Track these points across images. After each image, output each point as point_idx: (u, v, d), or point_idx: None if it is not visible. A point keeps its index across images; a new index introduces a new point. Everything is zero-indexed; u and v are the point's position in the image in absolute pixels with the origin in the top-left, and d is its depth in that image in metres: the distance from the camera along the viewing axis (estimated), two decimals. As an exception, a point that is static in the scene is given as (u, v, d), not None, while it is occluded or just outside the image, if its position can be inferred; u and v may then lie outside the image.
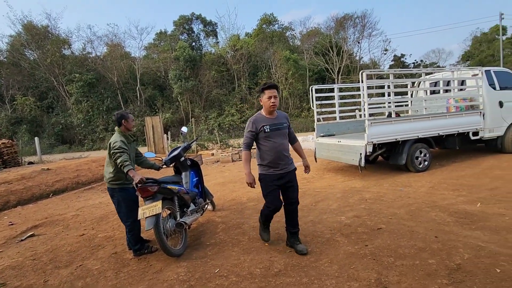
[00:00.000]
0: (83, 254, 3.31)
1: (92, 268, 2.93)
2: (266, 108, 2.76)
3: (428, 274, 2.24)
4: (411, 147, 5.52)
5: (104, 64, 28.25)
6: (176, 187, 3.21)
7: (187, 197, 3.38)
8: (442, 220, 3.26)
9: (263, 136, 2.73)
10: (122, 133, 3.13)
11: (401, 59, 35.73)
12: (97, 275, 2.78)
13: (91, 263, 3.07)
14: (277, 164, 2.76)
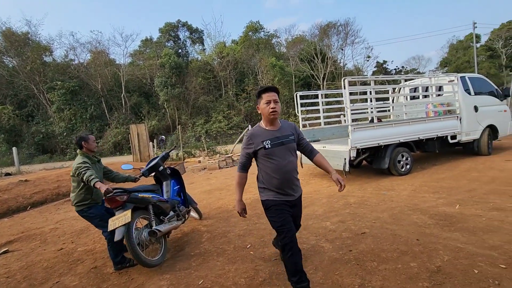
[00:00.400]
0: (61, 270, 3.17)
1: (69, 285, 2.81)
2: (265, 117, 2.18)
3: (409, 278, 2.27)
4: (393, 151, 5.65)
5: (87, 72, 27.66)
6: (150, 195, 3.15)
7: (165, 206, 3.31)
8: (423, 222, 3.33)
9: (263, 154, 2.13)
10: (85, 154, 3.16)
11: (383, 65, 36.86)
12: (75, 292, 2.66)
13: (68, 279, 2.94)
14: (285, 190, 2.16)
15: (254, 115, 27.02)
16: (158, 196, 3.30)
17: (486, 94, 6.96)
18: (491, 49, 34.51)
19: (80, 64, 28.64)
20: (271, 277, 2.50)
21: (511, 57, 31.58)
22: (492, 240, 2.74)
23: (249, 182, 7.02)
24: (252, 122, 23.29)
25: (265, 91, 2.16)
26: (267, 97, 2.12)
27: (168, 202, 3.41)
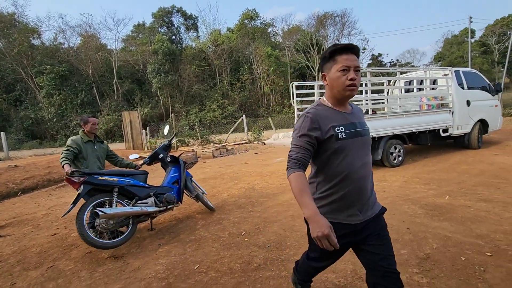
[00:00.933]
0: (55, 255, 3.17)
1: (64, 269, 2.81)
2: (336, 92, 1.38)
3: (400, 264, 2.34)
4: (386, 143, 5.73)
5: (77, 56, 26.95)
6: (116, 179, 3.17)
7: (138, 191, 3.33)
8: (414, 212, 3.42)
9: (333, 148, 1.36)
10: (84, 134, 3.56)
11: (378, 58, 36.92)
12: (70, 276, 2.66)
13: (63, 263, 2.94)
14: (353, 204, 1.41)
15: (248, 105, 26.91)
16: (129, 180, 3.29)
17: (478, 89, 7.07)
18: (485, 44, 34.87)
19: (70, 48, 27.85)
20: (266, 263, 2.55)
21: (503, 53, 31.93)
22: (479, 229, 2.84)
23: (243, 171, 7.04)
24: (246, 112, 23.20)
25: (342, 51, 1.34)
26: (346, 61, 1.32)
27: (150, 188, 3.46)
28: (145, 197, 3.38)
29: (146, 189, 3.42)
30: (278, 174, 6.17)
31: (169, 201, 3.49)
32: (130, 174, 3.43)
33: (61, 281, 2.59)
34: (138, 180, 3.43)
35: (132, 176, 3.41)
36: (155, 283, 2.40)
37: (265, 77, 26.59)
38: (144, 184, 3.45)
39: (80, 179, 2.97)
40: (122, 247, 3.17)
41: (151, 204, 3.36)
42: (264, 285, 2.22)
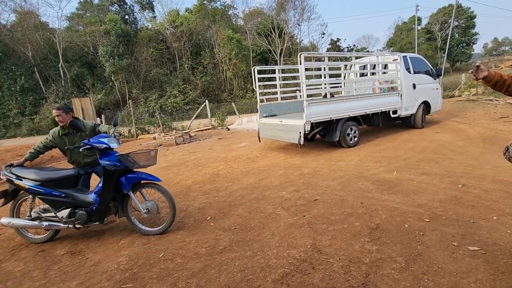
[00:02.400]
0: (1, 257, 2.90)
1: (13, 270, 2.60)
2: None
3: (353, 235, 2.57)
4: (343, 125, 6.07)
5: (13, 36, 23.67)
6: (27, 186, 2.84)
7: (48, 200, 2.90)
8: (366, 188, 3.73)
9: None
10: (61, 127, 3.17)
11: (337, 43, 38.14)
12: (21, 277, 2.48)
13: (12, 264, 2.72)
14: None
15: (211, 90, 26.32)
16: (40, 189, 2.85)
17: (423, 73, 7.72)
18: (430, 32, 37.82)
19: (3, 26, 24.31)
20: (231, 245, 2.62)
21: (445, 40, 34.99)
22: (420, 199, 3.20)
23: (208, 157, 6.97)
24: (209, 97, 22.69)
25: None
26: None
27: (66, 197, 2.90)
28: (57, 208, 2.93)
29: (59, 199, 2.89)
30: (242, 159, 6.23)
31: (78, 220, 2.89)
32: (46, 179, 2.87)
33: (10, 283, 2.40)
34: (51, 187, 2.88)
35: (47, 182, 2.87)
36: (118, 275, 2.34)
37: (227, 61, 26.05)
38: (58, 194, 2.89)
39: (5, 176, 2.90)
40: (80, 242, 3.02)
41: (58, 219, 2.93)
42: (229, 266, 2.29)
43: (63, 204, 2.92)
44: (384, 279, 1.95)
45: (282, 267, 2.21)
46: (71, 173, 3.01)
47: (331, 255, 2.29)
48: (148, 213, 3.00)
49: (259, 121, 6.98)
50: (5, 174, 2.91)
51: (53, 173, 2.94)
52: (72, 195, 2.91)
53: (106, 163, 2.80)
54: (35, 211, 3.02)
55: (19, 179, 2.87)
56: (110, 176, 2.84)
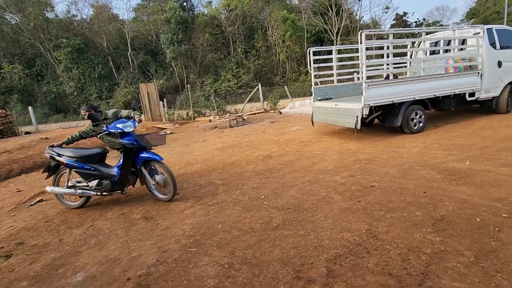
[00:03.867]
0: (92, 216, 3.51)
1: (102, 228, 3.14)
2: None
3: (414, 224, 2.44)
4: (407, 109, 5.57)
5: (91, 28, 26.88)
6: (65, 160, 3.61)
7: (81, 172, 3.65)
8: (431, 177, 3.44)
9: None
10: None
11: (403, 18, 34.21)
12: (108, 234, 2.98)
13: (101, 223, 3.27)
14: None
15: (263, 74, 26.36)
16: (74, 164, 3.60)
17: (512, 48, 6.54)
18: (526, -3, 31.20)
19: (83, 20, 27.74)
20: (285, 223, 2.72)
21: (547, 6, 28.59)
22: (498, 193, 2.84)
23: (260, 140, 7.15)
24: (261, 81, 22.78)
25: None
26: None
27: (95, 170, 3.60)
28: (87, 178, 3.65)
29: (89, 172, 3.61)
30: (295, 142, 6.23)
31: (105, 189, 3.59)
32: (78, 156, 3.62)
33: (101, 237, 2.91)
34: (84, 162, 3.60)
35: (79, 158, 3.60)
36: (184, 239, 2.64)
37: (281, 44, 25.57)
38: (88, 167, 3.60)
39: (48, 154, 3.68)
40: (152, 209, 3.46)
41: (89, 188, 3.64)
42: (283, 242, 2.40)
43: (92, 176, 3.63)
44: (448, 271, 1.84)
45: (335, 248, 2.23)
46: (98, 151, 3.74)
47: (388, 242, 2.22)
48: (157, 185, 3.64)
49: (313, 105, 6.82)
50: (49, 152, 3.68)
51: (84, 151, 3.72)
52: (99, 169, 3.63)
53: (126, 142, 3.44)
54: (71, 182, 3.76)
55: (59, 156, 3.63)
56: (128, 153, 3.49)
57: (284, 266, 2.09)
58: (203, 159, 5.78)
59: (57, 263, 2.52)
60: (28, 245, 2.95)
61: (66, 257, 2.62)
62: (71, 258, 2.59)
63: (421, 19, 37.83)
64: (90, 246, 2.75)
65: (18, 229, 3.37)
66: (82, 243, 2.85)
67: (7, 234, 3.28)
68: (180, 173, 4.97)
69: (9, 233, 3.30)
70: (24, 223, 3.54)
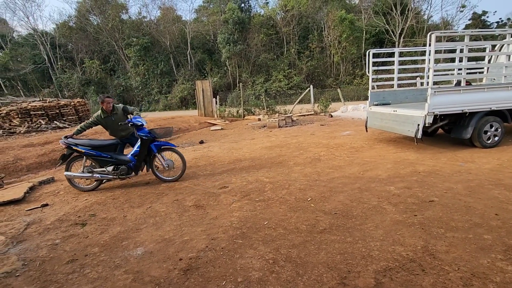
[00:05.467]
0: (151, 199, 3.88)
1: (159, 210, 3.45)
2: None
3: (481, 248, 2.19)
4: (480, 120, 4.96)
5: (157, 28, 29.38)
6: (83, 150, 4.21)
7: (99, 160, 4.30)
8: (506, 198, 3.02)
9: None
10: (102, 110, 4.47)
11: (481, 17, 30.28)
12: (164, 216, 3.27)
13: (158, 206, 3.60)
14: None
15: (316, 75, 25.85)
16: (92, 152, 4.25)
17: None
18: None
19: (151, 21, 30.45)
20: (331, 228, 2.67)
21: None
22: None
23: (309, 142, 7.07)
24: (313, 82, 22.36)
25: None
26: None
27: (112, 158, 4.32)
28: (104, 165, 4.33)
29: (106, 159, 4.31)
30: (346, 147, 6.01)
31: (122, 174, 4.34)
32: (97, 146, 4.31)
33: (158, 219, 3.20)
34: (102, 151, 4.31)
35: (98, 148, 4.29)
36: (231, 230, 2.77)
37: (336, 45, 24.74)
38: (105, 155, 4.30)
39: (64, 145, 4.22)
40: (202, 199, 3.68)
41: (106, 172, 4.32)
42: (329, 247, 2.36)
43: (108, 162, 4.34)
44: (522, 306, 1.62)
45: (386, 260, 2.12)
46: (113, 142, 4.48)
47: (447, 263, 2.04)
48: (168, 167, 4.54)
49: (369, 109, 6.49)
50: (65, 142, 4.21)
51: (102, 142, 4.45)
52: (115, 156, 4.36)
53: (142, 134, 4.32)
54: (86, 168, 4.34)
55: (77, 146, 4.22)
56: (145, 143, 4.34)
57: (329, 270, 2.06)
58: (251, 157, 5.93)
59: (122, 236, 2.86)
60: (99, 217, 3.39)
61: (128, 231, 2.95)
62: (133, 233, 2.90)
63: (504, 18, 33.01)
64: (148, 225, 3.06)
65: (91, 203, 3.89)
66: (142, 221, 3.17)
67: (83, 205, 3.82)
68: (230, 168, 5.18)
69: (85, 205, 3.83)
70: (96, 198, 4.07)
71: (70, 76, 28.98)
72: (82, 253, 2.60)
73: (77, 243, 2.80)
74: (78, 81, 28.71)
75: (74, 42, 30.12)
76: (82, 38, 29.51)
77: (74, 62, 30.16)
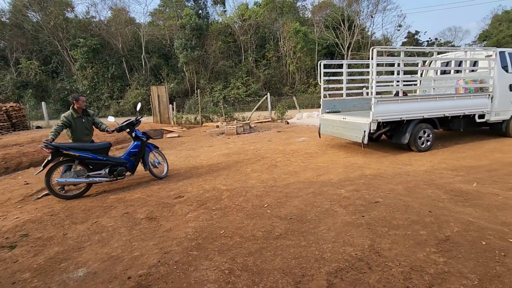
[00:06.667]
0: (97, 213, 3.55)
1: (106, 225, 3.17)
2: None
3: (418, 243, 2.41)
4: (415, 127, 5.56)
5: (108, 30, 27.58)
6: (77, 154, 4.05)
7: (94, 163, 4.21)
8: (437, 197, 3.40)
9: None
10: (74, 110, 4.40)
11: (415, 36, 34.39)
12: (112, 231, 3.01)
13: (105, 220, 3.31)
14: None
15: (272, 83, 26.55)
16: (87, 155, 4.13)
17: (525, 73, 6.49)
18: (540, 22, 31.12)
19: (101, 22, 28.50)
20: (287, 233, 2.72)
21: (562, 32, 28.46)
22: (505, 217, 2.80)
23: (266, 149, 7.13)
24: (270, 90, 22.94)
25: None
26: None
27: (107, 160, 4.31)
28: (100, 168, 4.25)
29: (102, 162, 4.26)
30: (301, 153, 6.24)
31: (119, 174, 4.38)
32: (92, 149, 4.22)
33: (105, 234, 2.94)
34: (97, 154, 4.24)
35: (93, 151, 4.20)
36: (185, 242, 2.66)
37: (291, 55, 25.83)
38: (101, 158, 4.24)
39: (47, 151, 3.88)
40: (155, 210, 3.49)
41: (103, 175, 4.26)
42: (284, 252, 2.40)
43: (105, 165, 4.28)
44: (451, 293, 1.81)
45: (337, 261, 2.22)
46: (107, 145, 4.43)
47: (390, 259, 2.20)
48: (154, 166, 4.88)
49: (321, 117, 6.85)
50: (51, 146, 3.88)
51: (97, 145, 4.35)
52: (111, 158, 4.36)
53: (140, 135, 4.65)
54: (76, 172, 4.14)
55: (69, 150, 3.98)
56: (143, 143, 4.62)
57: (284, 276, 2.09)
58: (208, 164, 5.82)
59: (60, 257, 2.56)
60: (32, 237, 2.99)
61: (69, 251, 2.65)
62: (74, 253, 2.62)
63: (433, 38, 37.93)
64: (93, 243, 2.79)
65: (24, 221, 3.43)
66: (85, 239, 2.88)
67: (13, 225, 3.34)
68: (186, 176, 5.01)
69: (15, 224, 3.36)
70: (30, 216, 3.60)
71: (2, 77, 25.61)
72: (9, 280, 2.26)
73: (3, 269, 2.43)
74: (12, 83, 25.43)
75: (7, 40, 26.75)
76: (18, 35, 26.35)
77: (7, 61, 26.72)
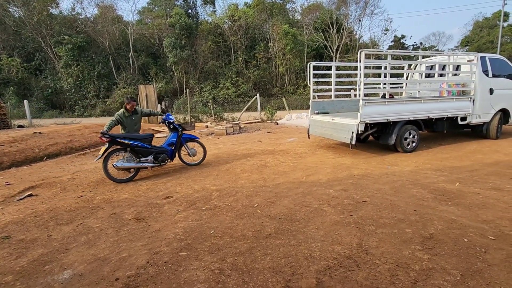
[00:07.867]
0: (83, 214, 3.47)
1: (93, 226, 3.10)
2: None
3: (403, 241, 2.48)
4: (401, 128, 5.70)
5: (94, 27, 26.96)
6: (129, 142, 4.74)
7: (142, 150, 4.89)
8: (422, 196, 3.51)
9: None
10: (126, 109, 5.21)
11: (401, 40, 35.29)
12: (99, 232, 2.95)
13: (91, 221, 3.23)
14: None
15: (262, 84, 26.63)
16: (137, 143, 4.82)
17: (504, 77, 6.79)
18: (518, 29, 32.55)
19: (87, 19, 27.83)
20: (277, 232, 2.74)
21: (538, 39, 29.86)
22: (486, 215, 2.91)
23: (256, 149, 7.13)
24: (260, 91, 23.01)
25: None
26: None
27: (152, 148, 5.00)
28: (147, 155, 4.95)
29: (149, 149, 4.97)
30: (290, 154, 6.29)
31: (162, 161, 5.08)
32: (141, 138, 4.91)
33: (91, 236, 2.88)
34: (145, 143, 4.94)
35: (141, 140, 4.89)
36: (175, 243, 2.63)
37: (281, 56, 25.99)
38: (148, 146, 4.96)
39: (104, 139, 4.58)
40: (143, 211, 3.44)
41: (150, 160, 4.95)
42: (274, 251, 2.41)
43: (150, 152, 4.99)
44: (435, 289, 1.88)
45: (326, 260, 2.25)
46: (151, 135, 5.16)
47: (377, 257, 2.26)
48: (192, 155, 5.61)
49: (310, 118, 6.93)
50: (109, 136, 4.57)
51: (145, 135, 5.05)
52: (155, 147, 5.08)
53: (177, 126, 5.39)
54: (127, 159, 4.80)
55: (122, 139, 4.69)
56: (180, 134, 5.36)
57: (274, 275, 2.10)
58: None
59: (44, 259, 2.49)
60: (15, 240, 2.90)
61: (54, 253, 2.58)
62: (59, 255, 2.55)
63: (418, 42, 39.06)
64: (79, 244, 2.72)
65: (5, 223, 3.31)
66: (71, 240, 2.81)
67: (-7, 227, 3.22)
68: (175, 177, 4.96)
69: (-4, 226, 3.24)
70: (11, 217, 3.48)
71: (-19, 74, 24.59)
72: (-10, 284, 2.18)
73: (-16, 272, 2.34)
74: (-9, 81, 24.48)
75: (-13, 35, 25.74)
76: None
77: (-14, 58, 25.70)
